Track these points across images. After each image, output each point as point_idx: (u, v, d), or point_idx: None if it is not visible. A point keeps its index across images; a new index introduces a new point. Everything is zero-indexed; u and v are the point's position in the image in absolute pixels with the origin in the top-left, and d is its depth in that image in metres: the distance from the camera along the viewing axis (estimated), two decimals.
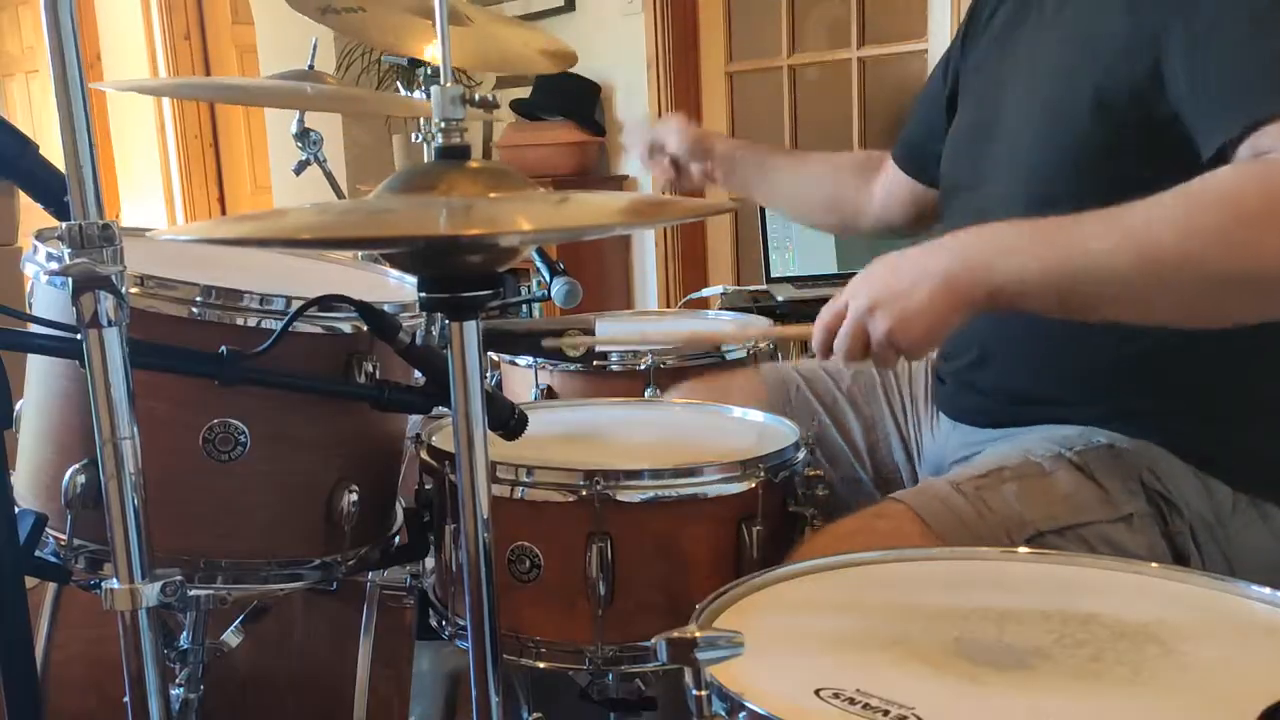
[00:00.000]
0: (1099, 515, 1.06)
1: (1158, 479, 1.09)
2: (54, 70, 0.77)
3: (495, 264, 0.80)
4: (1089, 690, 0.70)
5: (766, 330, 1.33)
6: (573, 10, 3.84)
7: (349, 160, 4.26)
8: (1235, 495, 1.10)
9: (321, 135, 2.20)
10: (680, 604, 0.87)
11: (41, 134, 0.93)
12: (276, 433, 1.04)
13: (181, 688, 1.21)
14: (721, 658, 0.68)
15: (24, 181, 1.02)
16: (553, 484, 1.05)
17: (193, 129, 6.27)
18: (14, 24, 6.84)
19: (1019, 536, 1.03)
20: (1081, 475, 1.08)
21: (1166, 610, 0.82)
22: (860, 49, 3.28)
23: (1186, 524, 1.08)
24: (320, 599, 1.46)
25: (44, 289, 1.04)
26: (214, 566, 1.04)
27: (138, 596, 0.83)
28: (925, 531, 1.03)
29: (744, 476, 1.06)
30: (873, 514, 1.09)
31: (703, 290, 2.95)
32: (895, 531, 1.03)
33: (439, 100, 0.81)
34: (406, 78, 2.83)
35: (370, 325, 1.01)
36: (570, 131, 3.68)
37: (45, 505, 1.03)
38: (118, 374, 0.80)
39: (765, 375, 1.46)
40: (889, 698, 0.67)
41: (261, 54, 4.94)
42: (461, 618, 1.09)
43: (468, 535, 0.83)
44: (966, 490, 1.06)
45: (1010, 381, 1.21)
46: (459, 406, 0.81)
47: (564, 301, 1.70)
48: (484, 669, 0.84)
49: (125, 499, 0.82)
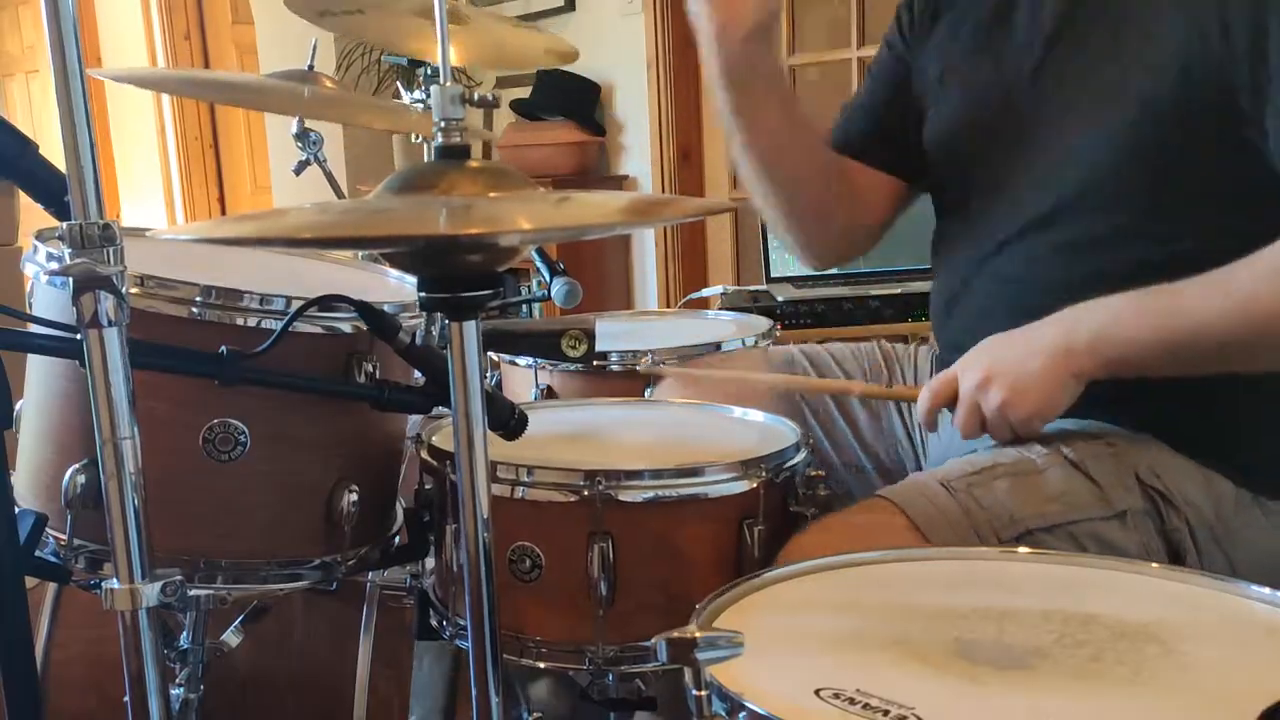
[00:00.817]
0: (1091, 513, 1.06)
1: (1156, 475, 1.09)
2: (54, 69, 0.77)
3: (495, 264, 0.80)
4: (1089, 690, 0.70)
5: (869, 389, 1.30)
6: (573, 10, 3.84)
7: (349, 160, 4.26)
8: (1238, 492, 1.10)
9: (321, 135, 2.20)
10: (680, 604, 0.87)
11: (41, 134, 0.93)
12: (276, 433, 1.04)
13: (181, 688, 1.21)
14: (721, 658, 0.68)
15: (24, 181, 1.02)
16: (553, 484, 1.05)
17: (193, 129, 6.27)
18: (14, 24, 6.84)
19: (1008, 534, 1.03)
20: (1075, 471, 1.08)
21: (1166, 610, 0.81)
22: (860, 49, 3.28)
23: (1185, 522, 1.07)
24: (320, 599, 1.46)
25: (44, 289, 1.04)
26: (214, 566, 1.04)
27: (138, 596, 0.83)
28: (910, 528, 1.03)
29: (745, 476, 1.06)
30: (859, 510, 1.09)
31: (703, 290, 2.95)
32: (881, 527, 1.03)
33: (439, 99, 0.81)
34: (407, 78, 2.83)
35: (370, 325, 1.01)
36: (570, 131, 3.68)
37: (45, 505, 1.03)
38: (118, 374, 0.80)
39: (773, 356, 1.46)
40: (889, 698, 0.67)
41: (261, 54, 4.95)
42: (461, 618, 1.09)
43: (468, 535, 0.83)
44: (957, 487, 1.06)
45: None
46: (459, 406, 0.81)
47: (564, 301, 1.70)
48: (484, 669, 0.84)
49: (125, 499, 0.82)
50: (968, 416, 1.10)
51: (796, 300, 2.59)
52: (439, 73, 0.85)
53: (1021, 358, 1.07)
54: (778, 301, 2.61)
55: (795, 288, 2.69)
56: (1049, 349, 1.06)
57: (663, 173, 3.68)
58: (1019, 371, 1.06)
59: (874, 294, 2.56)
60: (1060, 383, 1.06)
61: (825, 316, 2.58)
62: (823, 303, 2.59)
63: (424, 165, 0.85)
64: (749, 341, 1.71)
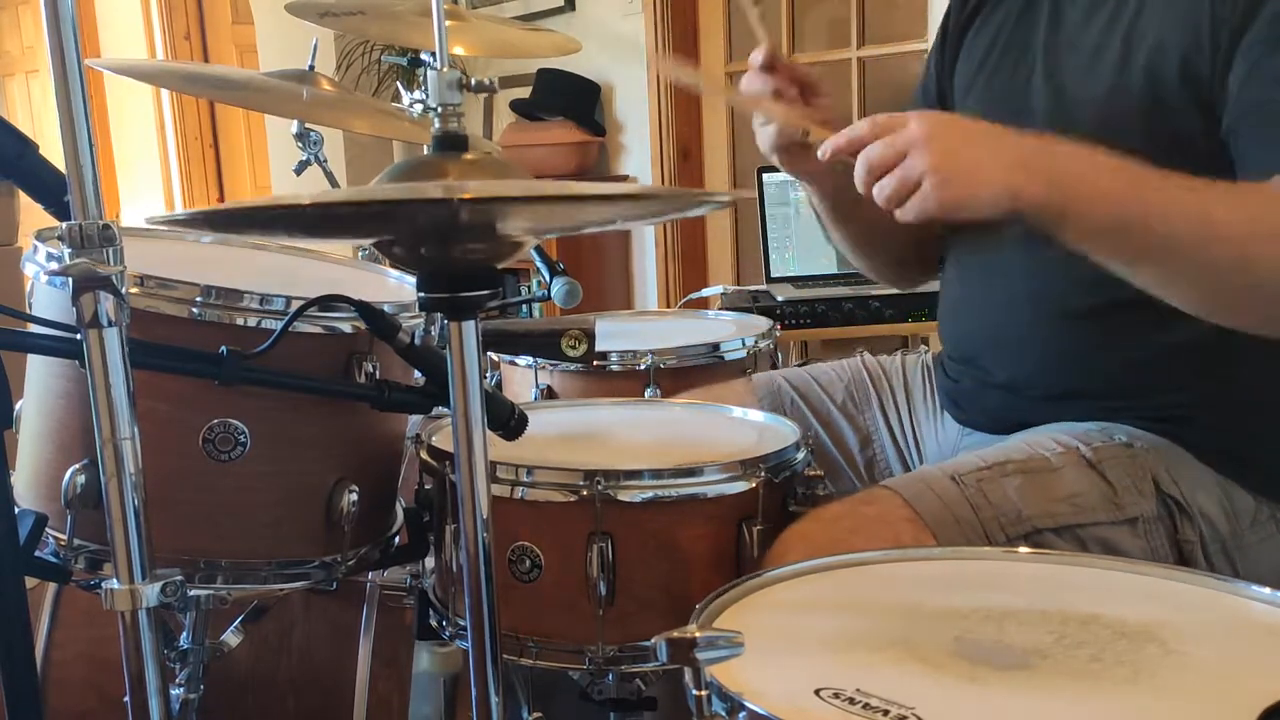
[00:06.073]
0: (1101, 516, 1.05)
1: (1174, 482, 1.08)
2: (54, 69, 0.77)
3: (495, 260, 0.80)
4: (1089, 690, 0.70)
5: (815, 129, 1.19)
6: (573, 10, 3.85)
7: (349, 160, 4.26)
8: (1257, 505, 1.09)
9: (321, 135, 2.19)
10: (680, 604, 0.87)
11: (41, 134, 0.93)
12: (276, 433, 1.04)
13: (181, 688, 1.21)
14: (721, 658, 0.68)
15: (24, 181, 1.02)
16: (553, 484, 1.05)
17: (193, 129, 6.28)
18: (14, 24, 6.85)
19: (1014, 531, 1.03)
20: (1092, 472, 1.07)
21: (1166, 610, 0.81)
22: (860, 49, 3.28)
23: (1198, 533, 1.06)
24: (320, 599, 1.46)
25: (44, 289, 1.04)
26: (214, 566, 1.04)
27: (138, 596, 0.83)
28: (913, 519, 1.02)
29: (744, 476, 1.06)
30: (860, 500, 1.08)
31: (703, 290, 2.96)
32: (882, 518, 1.03)
33: (436, 85, 0.81)
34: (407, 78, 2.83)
35: (370, 325, 1.01)
36: (570, 131, 3.68)
37: (45, 505, 1.03)
38: (118, 374, 0.80)
39: (757, 386, 1.44)
40: (889, 698, 0.67)
41: (261, 54, 4.95)
42: (461, 618, 1.09)
43: (468, 535, 0.83)
44: (966, 481, 1.06)
45: (1035, 376, 1.19)
46: (459, 406, 0.81)
47: (564, 301, 1.70)
48: (484, 669, 0.84)
49: (125, 499, 0.82)
50: (884, 152, 0.97)
51: (796, 300, 2.59)
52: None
53: (975, 138, 0.98)
54: (778, 301, 2.60)
55: (795, 288, 2.69)
56: (1006, 149, 0.97)
57: (663, 172, 3.69)
58: (963, 150, 0.97)
59: (874, 294, 2.56)
60: (991, 184, 0.95)
61: (825, 316, 2.57)
62: (823, 303, 2.58)
63: (422, 157, 0.85)
64: (749, 341, 1.71)
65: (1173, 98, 1.07)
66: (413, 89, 1.89)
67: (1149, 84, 1.08)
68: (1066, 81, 1.17)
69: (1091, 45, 1.16)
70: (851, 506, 1.07)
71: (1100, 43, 1.14)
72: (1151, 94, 1.08)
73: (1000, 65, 1.27)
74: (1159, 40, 1.08)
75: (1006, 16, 1.27)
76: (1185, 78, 1.06)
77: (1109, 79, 1.12)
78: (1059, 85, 1.18)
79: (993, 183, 0.95)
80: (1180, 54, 1.06)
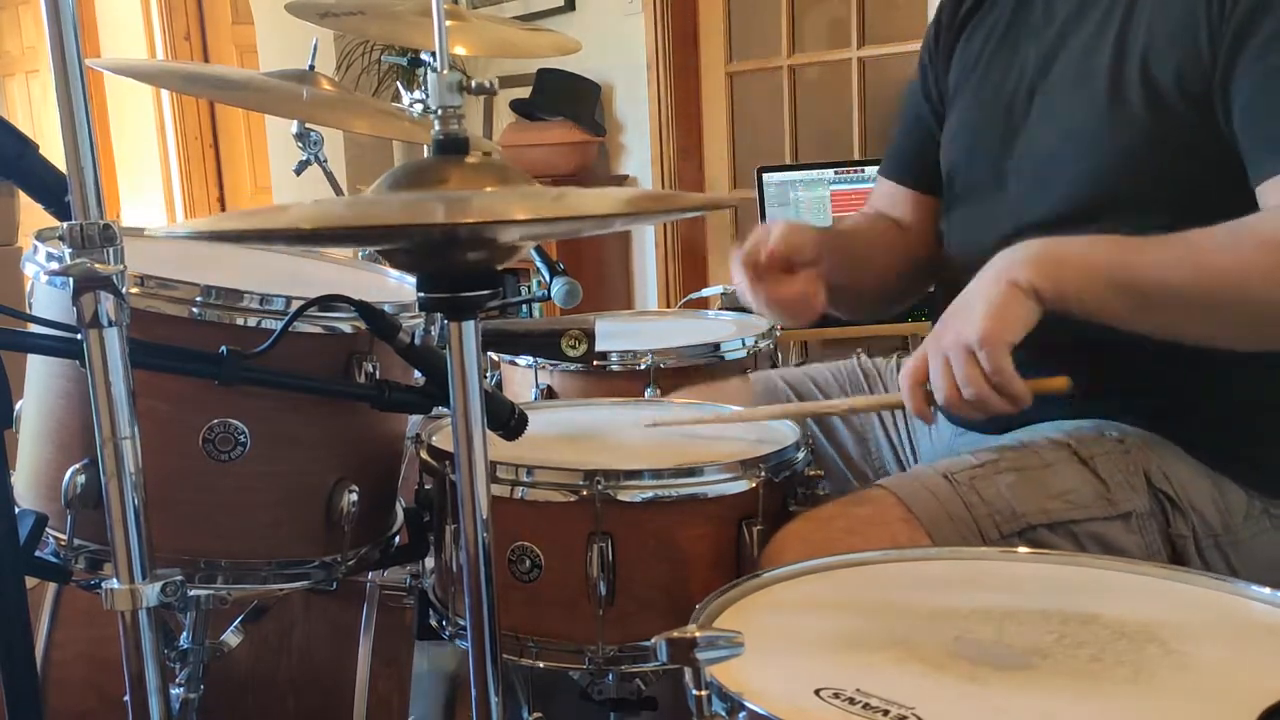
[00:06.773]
0: (1094, 512, 1.05)
1: (1167, 478, 1.08)
2: (54, 69, 0.77)
3: (494, 262, 0.80)
4: (1089, 690, 0.70)
5: (857, 402, 1.29)
6: (573, 10, 3.84)
7: (349, 160, 4.26)
8: (1249, 501, 1.09)
9: (321, 135, 2.20)
10: (680, 604, 0.88)
11: (41, 134, 0.93)
12: (276, 433, 1.04)
13: (181, 688, 1.21)
14: (721, 658, 0.68)
15: (24, 181, 1.02)
16: (553, 484, 1.05)
17: (193, 129, 6.28)
18: (14, 24, 6.85)
19: (1008, 529, 1.03)
20: (1084, 468, 1.07)
21: (1166, 610, 0.82)
22: (860, 49, 3.28)
23: (1190, 528, 1.07)
24: (320, 599, 1.46)
25: (44, 289, 1.04)
26: (214, 566, 1.04)
27: (138, 596, 0.83)
28: (908, 518, 1.02)
29: (744, 476, 1.06)
30: (855, 499, 1.08)
31: (703, 290, 2.95)
32: (877, 517, 1.03)
33: (436, 88, 0.81)
34: (407, 78, 2.83)
35: (370, 325, 1.01)
36: (570, 131, 3.68)
37: (45, 505, 1.03)
38: (118, 374, 0.80)
39: (754, 385, 1.45)
40: (889, 698, 0.67)
41: (261, 54, 4.95)
42: (461, 618, 1.09)
43: (468, 535, 0.83)
44: (960, 480, 1.06)
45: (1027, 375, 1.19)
46: (458, 406, 0.81)
47: (564, 301, 1.70)
48: (484, 669, 0.84)
49: (125, 499, 0.82)
50: (940, 373, 1.03)
51: None
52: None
53: (967, 297, 1.03)
54: None
55: None
56: (987, 275, 1.02)
57: (663, 173, 3.69)
58: (966, 306, 1.02)
59: None
60: (1003, 294, 0.99)
61: (825, 317, 2.56)
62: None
63: (422, 161, 0.84)
64: (749, 341, 1.71)
65: (1169, 98, 1.07)
66: (413, 89, 1.89)
67: (1144, 86, 1.08)
68: (1057, 85, 1.18)
69: (1082, 48, 1.16)
70: (846, 506, 1.07)
71: (1092, 45, 1.14)
72: (1147, 97, 1.08)
73: (991, 66, 1.27)
74: (1152, 42, 1.08)
75: (999, 18, 1.27)
76: (1181, 79, 1.06)
77: (1102, 84, 1.12)
78: (1050, 87, 1.18)
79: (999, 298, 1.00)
80: (1176, 58, 1.06)
